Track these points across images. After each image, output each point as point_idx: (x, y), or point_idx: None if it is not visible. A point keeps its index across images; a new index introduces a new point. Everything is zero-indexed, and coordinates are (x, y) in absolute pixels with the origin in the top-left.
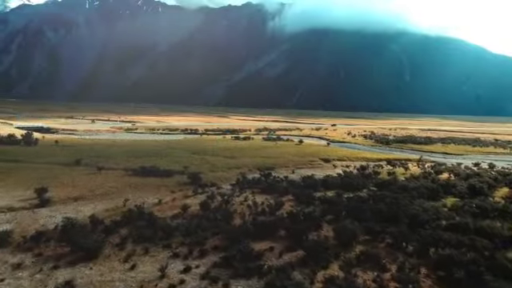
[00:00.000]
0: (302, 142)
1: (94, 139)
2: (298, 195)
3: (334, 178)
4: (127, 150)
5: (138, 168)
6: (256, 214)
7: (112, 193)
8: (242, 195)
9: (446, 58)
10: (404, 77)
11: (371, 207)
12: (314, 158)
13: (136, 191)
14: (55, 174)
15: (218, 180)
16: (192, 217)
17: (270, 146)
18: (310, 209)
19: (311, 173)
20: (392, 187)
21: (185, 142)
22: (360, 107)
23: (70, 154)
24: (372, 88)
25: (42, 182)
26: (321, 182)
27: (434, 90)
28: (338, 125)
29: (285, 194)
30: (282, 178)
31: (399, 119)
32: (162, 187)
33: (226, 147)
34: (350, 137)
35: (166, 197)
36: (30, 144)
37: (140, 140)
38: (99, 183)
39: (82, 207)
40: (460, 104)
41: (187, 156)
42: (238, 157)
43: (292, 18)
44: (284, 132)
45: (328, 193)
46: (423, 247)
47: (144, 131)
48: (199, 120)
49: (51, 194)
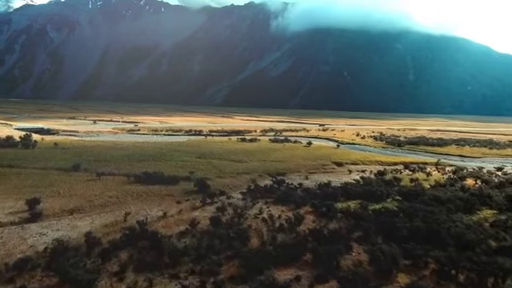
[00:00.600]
0: (311, 144)
1: (95, 141)
2: (318, 206)
3: (354, 186)
4: (129, 153)
5: (141, 174)
6: (274, 231)
7: (112, 203)
8: (255, 206)
9: (450, 57)
10: (408, 76)
11: (405, 223)
12: (326, 161)
13: (138, 201)
14: (51, 181)
15: (226, 187)
16: (202, 234)
17: (278, 148)
18: (334, 224)
19: (326, 179)
20: (423, 198)
21: (189, 144)
22: (364, 106)
23: (69, 158)
24: (376, 87)
25: (35, 191)
26: (340, 191)
27: (438, 90)
28: (344, 125)
29: (302, 204)
30: (296, 185)
31: (405, 119)
32: (166, 196)
33: (233, 150)
34: (359, 138)
35: (171, 208)
36: (27, 147)
37: (142, 142)
38: (98, 192)
39: (77, 222)
40: (465, 104)
41: (192, 160)
42: (246, 160)
43: (295, 17)
44: (290, 133)
45: (350, 203)
46: (479, 277)
47: (147, 132)
48: (203, 120)
49: (45, 205)
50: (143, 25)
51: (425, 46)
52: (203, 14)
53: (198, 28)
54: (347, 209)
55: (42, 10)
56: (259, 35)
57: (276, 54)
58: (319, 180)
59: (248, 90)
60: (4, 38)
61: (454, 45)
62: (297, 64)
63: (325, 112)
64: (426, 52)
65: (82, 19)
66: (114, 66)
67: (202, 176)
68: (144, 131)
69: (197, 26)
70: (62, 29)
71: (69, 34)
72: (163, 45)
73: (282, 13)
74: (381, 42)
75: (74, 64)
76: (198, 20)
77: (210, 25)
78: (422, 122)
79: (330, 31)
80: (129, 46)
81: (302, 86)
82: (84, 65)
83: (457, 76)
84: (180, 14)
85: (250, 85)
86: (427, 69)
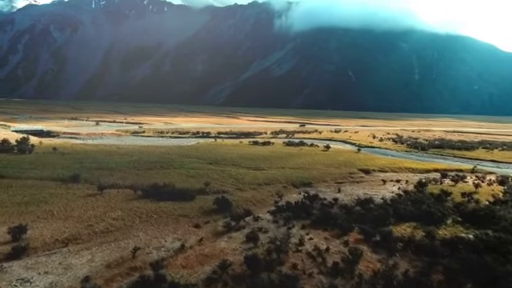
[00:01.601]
0: (330, 148)
1: (98, 145)
2: (368, 233)
3: (401, 203)
4: (134, 160)
5: (149, 187)
6: (329, 275)
7: (117, 229)
8: (292, 232)
9: (456, 56)
10: (414, 75)
11: (503, 265)
12: (351, 168)
13: (148, 226)
14: (45, 197)
15: (250, 204)
16: (237, 282)
17: (295, 153)
18: (398, 261)
19: (362, 192)
20: (499, 223)
21: (199, 148)
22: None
23: (69, 165)
24: (381, 87)
25: (25, 211)
26: (386, 209)
27: (444, 89)
28: (355, 127)
29: (348, 229)
30: (331, 200)
31: (416, 120)
32: (181, 218)
33: (247, 155)
34: (377, 141)
35: (189, 236)
36: (24, 151)
37: (148, 146)
38: (100, 212)
39: (73, 258)
40: (472, 103)
41: (205, 167)
42: (264, 168)
43: (299, 17)
44: (303, 135)
45: (405, 228)
46: None
47: (152, 134)
48: (208, 121)
49: (33, 232)
50: (146, 24)
51: (430, 44)
52: (206, 13)
53: (201, 27)
54: (409, 238)
55: (45, 9)
56: (263, 34)
57: (280, 53)
58: (354, 193)
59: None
60: (7, 38)
61: (460, 44)
62: (300, 63)
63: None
64: (431, 51)
65: (85, 19)
66: (117, 65)
67: (219, 188)
68: (149, 133)
69: (200, 25)
70: (65, 29)
71: (72, 33)
72: (166, 44)
73: (286, 12)
74: (385, 41)
75: (77, 64)
76: (201, 19)
77: (214, 24)
78: (434, 123)
79: (333, 30)
80: (132, 45)
81: (306, 85)
82: (87, 65)
83: (463, 75)
84: (183, 14)
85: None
86: (433, 68)
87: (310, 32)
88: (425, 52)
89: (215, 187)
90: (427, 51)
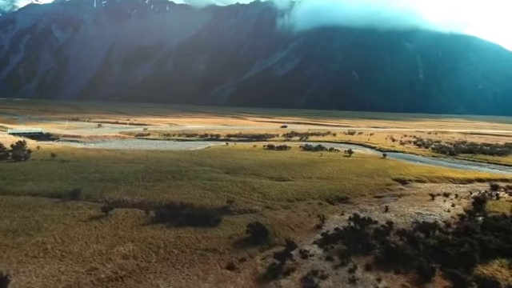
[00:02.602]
0: (352, 153)
1: (100, 149)
2: (460, 279)
3: (474, 230)
4: (142, 169)
5: (164, 206)
6: None
7: (129, 274)
8: (355, 275)
9: (461, 55)
10: (418, 75)
11: None
12: (384, 178)
13: (169, 268)
14: (38, 221)
15: (288, 230)
16: None
17: (317, 159)
18: None
19: (412, 210)
20: None
21: (211, 153)
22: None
23: (68, 176)
24: (385, 86)
25: (10, 245)
26: (471, 243)
27: (449, 89)
28: (368, 128)
29: (428, 272)
30: (384, 224)
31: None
32: (209, 254)
33: (266, 162)
34: (397, 144)
35: (226, 285)
36: (19, 158)
37: (155, 151)
38: (106, 246)
39: None
40: (477, 103)
41: (222, 177)
42: (288, 178)
43: (302, 16)
44: (316, 138)
45: (498, 268)
46: None
47: (157, 137)
48: (214, 122)
49: (18, 281)
50: (148, 24)
51: (435, 44)
52: (208, 12)
53: (203, 27)
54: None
55: (47, 9)
56: (265, 34)
57: (282, 52)
58: (405, 212)
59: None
60: (9, 38)
61: (465, 43)
62: (304, 63)
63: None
64: (436, 50)
65: (86, 18)
66: (119, 65)
67: (244, 206)
68: (154, 136)
69: (202, 24)
70: (66, 28)
71: (73, 33)
72: (168, 44)
73: (289, 11)
74: (389, 41)
75: (79, 63)
76: (203, 19)
77: (215, 24)
78: (446, 124)
79: (337, 29)
80: (133, 45)
81: (310, 85)
82: (88, 64)
83: (468, 75)
84: (185, 13)
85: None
86: (437, 67)
87: (313, 31)
88: (429, 51)
89: (240, 204)
90: (432, 50)
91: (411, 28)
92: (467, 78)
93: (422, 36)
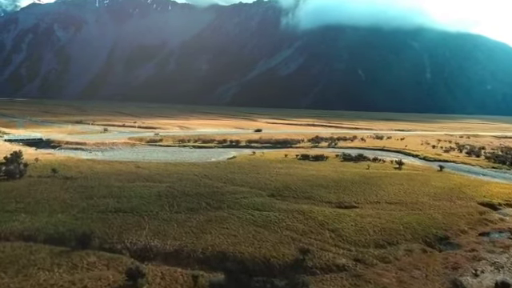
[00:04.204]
0: (402, 164)
1: (110, 161)
2: None
3: None
4: (166, 191)
5: (212, 259)
6: None
7: None
8: None
9: (468, 55)
10: (425, 75)
11: None
12: (466, 200)
13: None
14: None
15: None
16: None
17: (367, 173)
18: None
19: None
20: None
21: (240, 165)
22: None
23: (73, 204)
24: (392, 86)
25: None
26: None
27: (457, 89)
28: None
29: None
30: None
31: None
32: None
33: (310, 178)
34: (440, 151)
35: None
36: (13, 175)
37: (175, 163)
38: None
39: None
40: (486, 103)
41: (270, 204)
42: (350, 203)
43: (306, 14)
44: (345, 143)
45: None
46: None
47: (171, 143)
48: (226, 124)
49: None
50: (150, 23)
51: (442, 43)
52: (211, 12)
53: (205, 26)
54: None
55: (49, 8)
56: (269, 33)
57: (287, 52)
58: None
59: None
60: (11, 37)
61: (472, 42)
62: (308, 62)
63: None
64: (443, 50)
65: (88, 18)
66: (121, 65)
67: (324, 258)
68: (168, 142)
69: (204, 24)
70: (68, 28)
71: (75, 32)
72: (171, 43)
73: (293, 10)
74: (396, 40)
75: (81, 63)
76: (206, 18)
77: (218, 23)
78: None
79: (342, 28)
80: (136, 44)
81: (315, 84)
82: (90, 64)
83: (476, 74)
84: (187, 12)
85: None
86: (445, 67)
87: (317, 30)
88: (436, 51)
89: (318, 256)
90: (439, 50)
91: (417, 27)
92: (475, 78)
93: (429, 35)
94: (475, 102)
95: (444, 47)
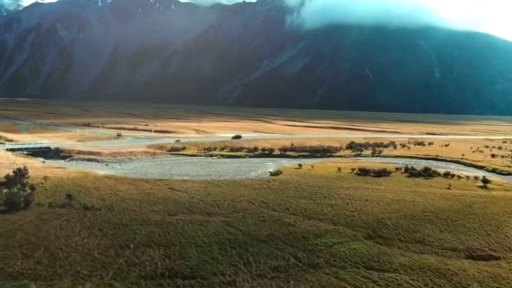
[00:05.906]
0: (488, 182)
1: (135, 180)
2: None
3: None
4: (226, 233)
5: None
6: None
7: None
8: None
9: (477, 54)
10: (434, 74)
11: None
12: None
13: None
14: None
15: None
16: None
17: (458, 197)
18: None
19: None
20: None
21: (298, 186)
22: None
23: (104, 262)
24: (400, 86)
25: None
26: None
27: (466, 89)
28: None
29: None
30: None
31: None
32: None
33: (399, 207)
34: (505, 160)
35: None
36: (16, 206)
37: (213, 182)
38: None
39: None
40: (496, 103)
41: (381, 255)
42: (483, 249)
43: (311, 13)
44: (388, 151)
45: None
46: None
47: (196, 152)
48: (243, 127)
49: None
50: (153, 23)
51: (449, 42)
52: (214, 11)
53: (209, 26)
54: None
55: (52, 8)
56: (273, 32)
57: (291, 51)
58: None
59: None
60: (13, 37)
61: (481, 41)
62: (314, 62)
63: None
64: (451, 49)
65: (91, 17)
66: (124, 64)
67: None
68: (191, 150)
69: (208, 23)
70: (71, 27)
71: (78, 32)
72: (174, 43)
73: (298, 8)
74: (402, 39)
75: (84, 63)
76: (210, 17)
77: (222, 22)
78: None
79: (347, 27)
80: (139, 44)
81: (321, 84)
82: (94, 64)
83: (485, 74)
84: (191, 12)
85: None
86: (453, 66)
87: (323, 29)
88: (444, 50)
89: None
90: (447, 49)
91: (424, 25)
92: (485, 77)
93: (436, 34)
94: (485, 102)
95: (452, 46)
